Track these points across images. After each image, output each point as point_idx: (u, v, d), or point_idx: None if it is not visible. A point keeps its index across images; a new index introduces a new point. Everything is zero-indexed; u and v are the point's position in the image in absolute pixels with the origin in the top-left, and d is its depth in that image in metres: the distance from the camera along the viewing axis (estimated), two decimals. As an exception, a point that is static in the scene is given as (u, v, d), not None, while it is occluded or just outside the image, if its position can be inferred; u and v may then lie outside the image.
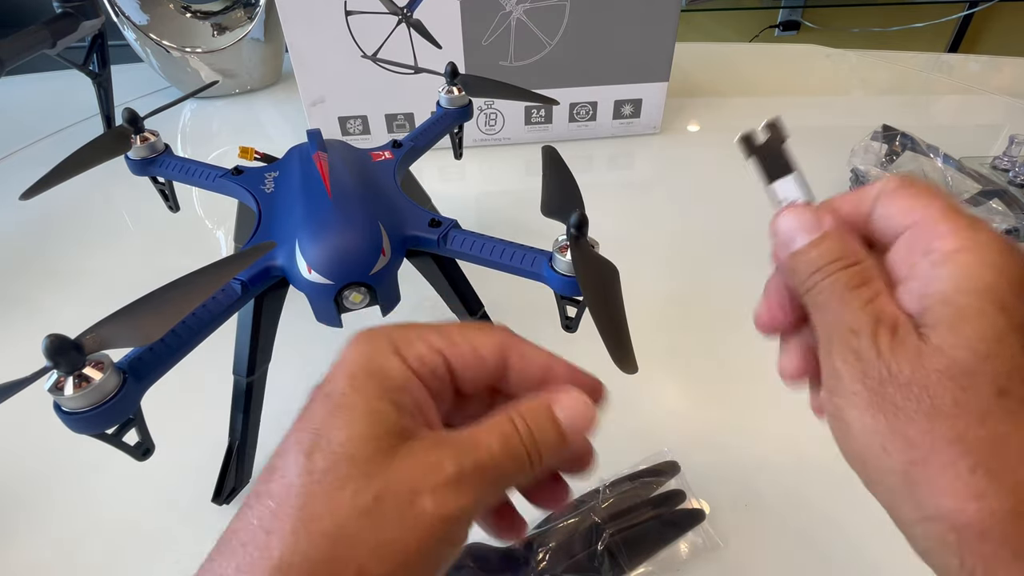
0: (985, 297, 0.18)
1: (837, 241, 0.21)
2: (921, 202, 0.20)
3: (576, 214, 0.28)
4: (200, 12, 0.86)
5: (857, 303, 0.20)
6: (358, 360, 0.20)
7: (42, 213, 0.64)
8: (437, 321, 0.22)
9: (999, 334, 0.17)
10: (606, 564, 0.33)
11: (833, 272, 0.21)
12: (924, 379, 0.18)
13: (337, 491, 0.17)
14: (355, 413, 0.19)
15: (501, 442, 0.19)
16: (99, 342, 0.23)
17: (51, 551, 0.36)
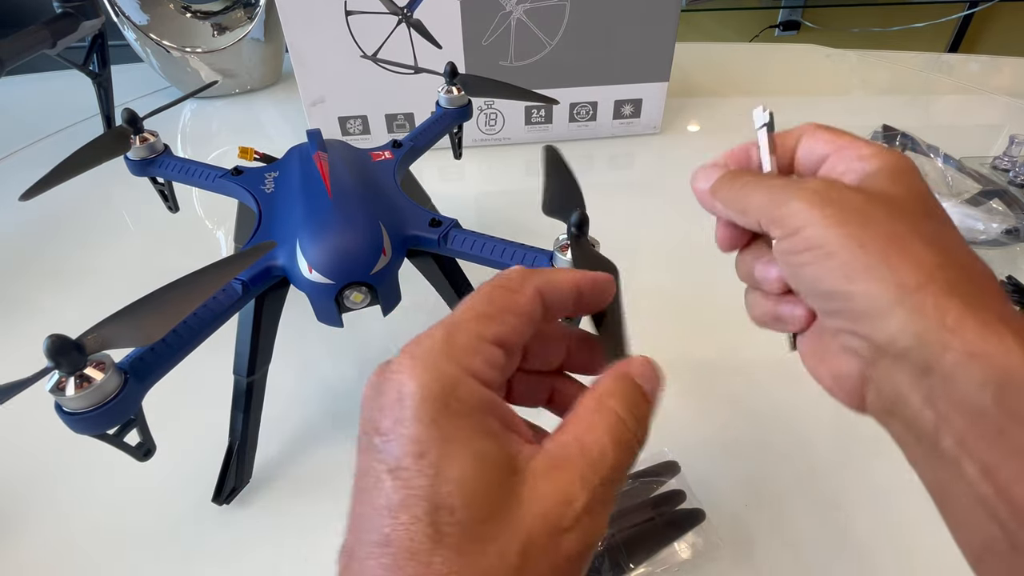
0: (905, 174, 0.22)
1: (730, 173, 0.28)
2: (839, 136, 0.25)
3: (577, 213, 0.28)
4: (200, 12, 0.86)
5: (760, 184, 0.25)
6: (428, 399, 0.17)
7: (42, 213, 0.64)
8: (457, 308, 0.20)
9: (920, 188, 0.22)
10: (606, 564, 0.33)
11: (739, 176, 0.27)
12: (876, 201, 0.21)
13: (480, 559, 0.16)
14: (456, 463, 0.16)
15: (613, 440, 0.18)
16: (100, 342, 0.23)
17: (51, 551, 0.36)
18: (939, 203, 0.23)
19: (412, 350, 0.18)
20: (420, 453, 0.16)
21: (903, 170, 0.23)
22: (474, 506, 0.16)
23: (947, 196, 0.56)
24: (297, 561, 0.35)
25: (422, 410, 0.17)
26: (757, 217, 0.24)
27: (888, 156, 0.23)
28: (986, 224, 0.53)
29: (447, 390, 0.17)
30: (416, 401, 0.17)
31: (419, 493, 0.16)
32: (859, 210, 0.21)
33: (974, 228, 0.53)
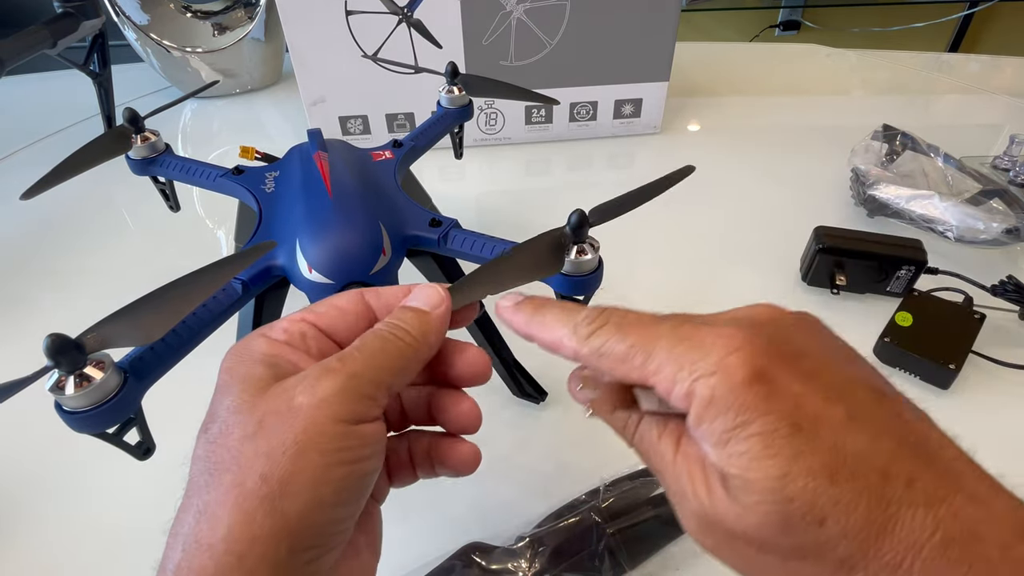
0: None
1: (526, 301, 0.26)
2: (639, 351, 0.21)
3: (576, 214, 0.28)
4: (201, 12, 0.86)
5: (553, 312, 0.25)
6: (229, 359, 0.22)
7: (43, 213, 0.64)
8: None
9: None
10: (606, 563, 0.33)
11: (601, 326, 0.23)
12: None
13: (227, 436, 0.20)
14: (233, 385, 0.21)
15: (362, 339, 0.22)
16: (100, 341, 0.23)
17: (51, 551, 0.36)
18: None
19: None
20: (216, 386, 0.21)
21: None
22: (233, 407, 0.20)
23: (947, 195, 0.56)
24: (297, 560, 0.35)
25: (224, 366, 0.22)
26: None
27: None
28: (986, 224, 0.53)
29: (242, 350, 0.22)
30: (224, 366, 0.22)
31: (209, 415, 0.21)
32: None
33: (974, 227, 0.53)
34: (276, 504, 0.18)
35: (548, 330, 0.24)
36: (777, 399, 0.17)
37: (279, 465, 0.18)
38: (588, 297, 0.31)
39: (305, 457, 0.19)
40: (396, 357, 0.22)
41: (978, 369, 0.44)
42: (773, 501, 0.17)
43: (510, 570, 0.32)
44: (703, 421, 0.18)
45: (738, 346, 0.18)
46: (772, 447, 0.17)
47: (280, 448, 0.19)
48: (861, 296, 0.52)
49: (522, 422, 0.42)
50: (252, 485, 0.18)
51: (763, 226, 0.61)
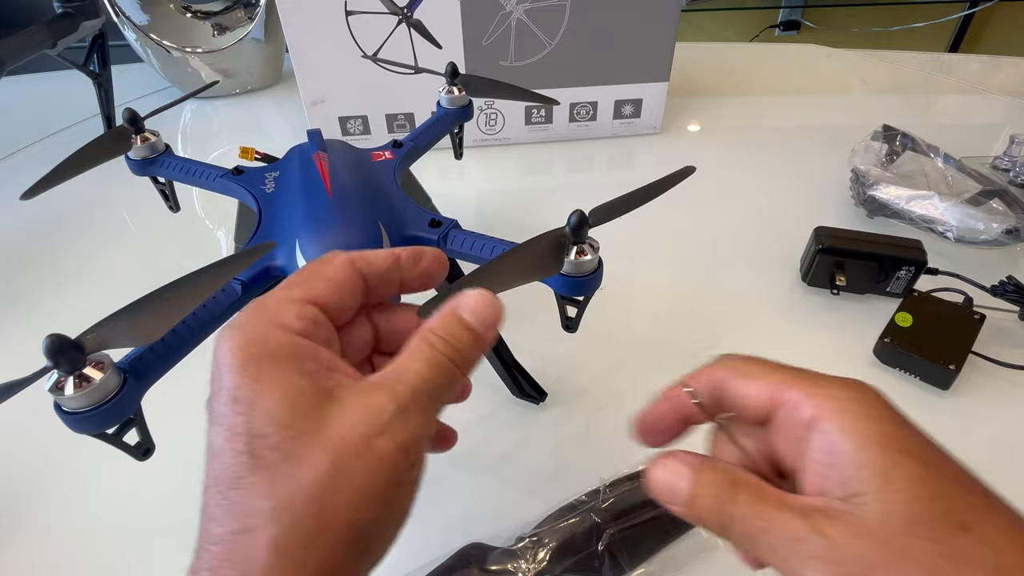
0: (889, 450, 0.18)
1: (711, 469, 0.21)
2: (765, 381, 0.21)
3: (576, 214, 0.28)
4: (200, 12, 0.86)
5: (775, 511, 0.19)
6: (238, 352, 0.19)
7: (43, 213, 0.64)
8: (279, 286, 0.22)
9: (923, 478, 0.18)
10: (606, 564, 0.33)
11: (732, 497, 0.20)
12: (899, 546, 0.17)
13: (295, 471, 0.18)
14: (269, 398, 0.18)
15: (425, 362, 0.20)
16: (99, 342, 0.23)
17: (51, 551, 0.36)
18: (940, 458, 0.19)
19: (229, 323, 0.21)
20: (234, 399, 0.19)
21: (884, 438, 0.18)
22: (286, 430, 0.18)
23: (947, 196, 0.56)
24: (297, 561, 0.35)
25: (233, 363, 0.19)
26: (766, 563, 0.20)
27: (840, 417, 0.19)
28: (986, 224, 0.53)
29: (256, 342, 0.19)
30: (229, 357, 0.19)
31: (236, 430, 0.18)
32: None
33: (974, 228, 0.53)
34: (361, 548, 0.18)
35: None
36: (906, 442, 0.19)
37: (370, 512, 0.18)
38: (588, 298, 0.31)
39: (392, 506, 0.19)
40: (452, 386, 0.21)
41: (978, 370, 0.44)
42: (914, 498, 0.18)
43: (510, 571, 0.32)
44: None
45: (863, 389, 0.20)
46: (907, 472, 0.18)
47: (368, 497, 0.18)
48: (861, 296, 0.52)
49: (522, 422, 0.42)
50: (340, 532, 0.18)
51: (763, 226, 0.61)
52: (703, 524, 0.21)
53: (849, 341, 0.47)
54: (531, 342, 0.44)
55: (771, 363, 0.22)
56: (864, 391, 0.20)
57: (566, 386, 0.44)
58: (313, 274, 0.22)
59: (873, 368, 0.46)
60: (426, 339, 0.21)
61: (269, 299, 0.21)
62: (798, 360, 0.30)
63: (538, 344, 0.46)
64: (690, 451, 0.22)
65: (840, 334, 0.49)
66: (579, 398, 0.44)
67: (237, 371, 0.19)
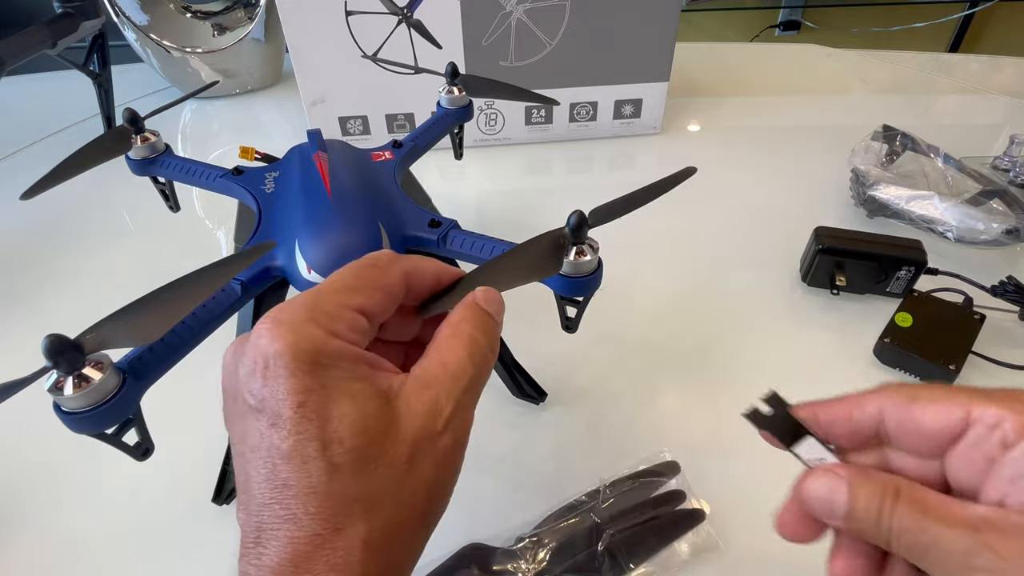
0: None
1: (866, 479, 0.20)
2: (950, 403, 0.20)
3: (575, 215, 0.28)
4: (200, 12, 0.86)
5: (940, 524, 0.18)
6: (297, 354, 0.19)
7: (43, 213, 0.64)
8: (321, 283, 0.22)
9: None
10: (606, 564, 0.33)
11: (892, 508, 0.19)
12: None
13: (374, 473, 0.19)
14: (339, 404, 0.19)
15: (469, 355, 0.22)
16: (99, 342, 0.23)
17: (50, 551, 0.36)
18: None
19: (276, 315, 0.20)
20: (300, 403, 0.18)
21: None
22: (360, 434, 0.19)
23: (947, 196, 0.56)
24: (297, 561, 0.35)
25: (294, 365, 0.19)
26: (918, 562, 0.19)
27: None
28: (986, 224, 0.53)
29: (317, 347, 0.19)
30: (287, 359, 0.19)
31: (307, 436, 0.18)
32: None
33: (974, 228, 0.53)
34: (429, 530, 0.21)
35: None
36: None
37: (438, 501, 0.21)
38: (588, 298, 0.31)
39: (450, 489, 0.22)
40: (489, 373, 0.23)
41: (978, 370, 0.44)
42: None
43: (510, 571, 0.32)
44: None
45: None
46: None
47: (439, 487, 0.21)
48: (861, 296, 0.52)
49: (522, 422, 0.42)
50: (417, 523, 0.20)
51: (763, 226, 0.61)
52: (867, 539, 0.20)
53: (849, 341, 0.47)
54: (531, 342, 0.44)
55: (942, 386, 0.21)
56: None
57: (566, 386, 0.44)
58: (371, 281, 0.22)
59: (873, 368, 0.46)
60: (463, 330, 0.23)
61: (323, 300, 0.21)
62: (798, 360, 0.30)
63: (538, 344, 0.46)
64: (846, 463, 0.21)
65: (840, 334, 0.49)
66: (579, 398, 0.44)
67: (301, 374, 0.19)
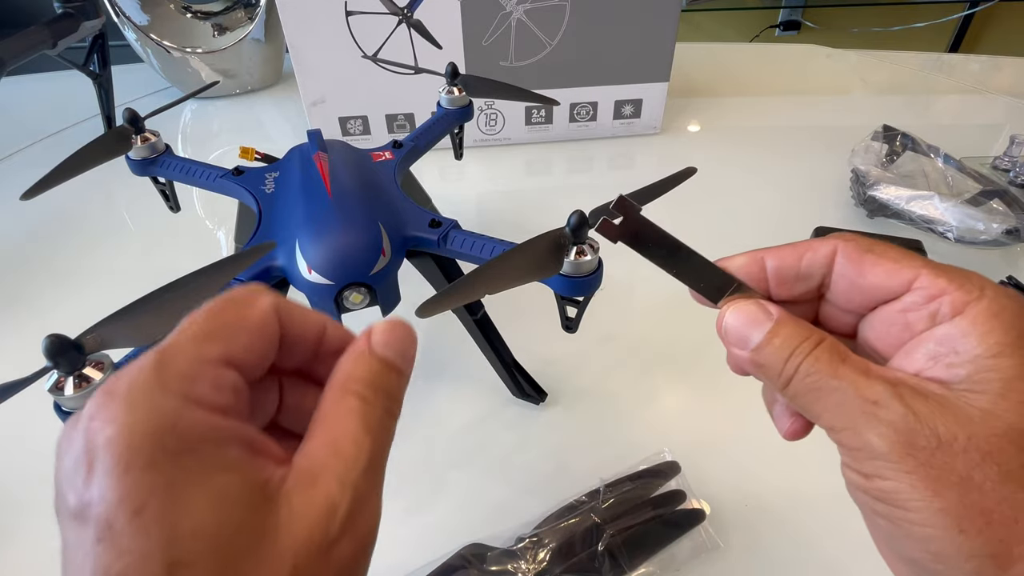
0: (1020, 363, 0.17)
1: (794, 325, 0.20)
2: (900, 264, 0.19)
3: (576, 215, 0.28)
4: (201, 12, 0.86)
5: (856, 374, 0.18)
6: (135, 440, 0.14)
7: (43, 213, 0.64)
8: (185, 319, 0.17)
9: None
10: (606, 564, 0.33)
11: (808, 352, 0.19)
12: (984, 444, 0.16)
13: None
14: (191, 509, 0.14)
15: (362, 423, 0.17)
16: (99, 342, 0.23)
17: (50, 552, 0.36)
18: None
19: (111, 386, 0.15)
20: (137, 509, 0.14)
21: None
22: (220, 553, 0.14)
23: (947, 196, 0.56)
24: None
25: (131, 456, 0.14)
26: (818, 422, 0.19)
27: (990, 311, 0.18)
28: (986, 224, 0.53)
29: (164, 427, 0.14)
30: (121, 448, 0.14)
31: (145, 555, 0.13)
32: (960, 476, 0.16)
33: (974, 228, 0.53)
34: None
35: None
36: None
37: None
38: (588, 298, 0.31)
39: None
40: (391, 440, 0.18)
41: (978, 370, 0.44)
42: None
43: (510, 571, 0.32)
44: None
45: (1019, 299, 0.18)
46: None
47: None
48: (861, 296, 0.52)
49: (522, 423, 0.42)
50: None
51: (763, 226, 0.61)
52: (763, 372, 0.20)
53: (849, 341, 0.47)
54: (531, 342, 0.44)
55: (902, 249, 0.20)
56: (1012, 296, 0.18)
57: (566, 386, 0.44)
58: (232, 321, 0.17)
59: (873, 368, 0.46)
60: (352, 391, 0.17)
61: (175, 357, 0.16)
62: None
63: (538, 344, 0.46)
64: (773, 302, 0.21)
65: (840, 334, 0.48)
66: (579, 398, 0.44)
67: (138, 469, 0.14)
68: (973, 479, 0.16)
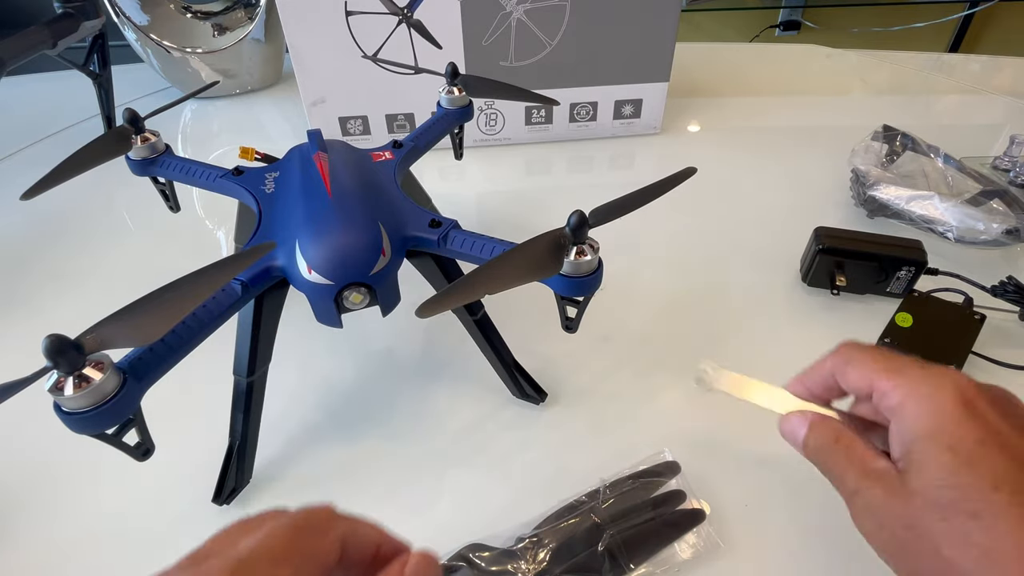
0: (934, 442, 0.23)
1: (822, 425, 0.28)
2: (865, 370, 0.26)
3: (576, 215, 0.28)
4: (201, 12, 0.86)
5: (846, 464, 0.26)
6: None
7: (43, 213, 0.64)
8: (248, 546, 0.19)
9: (952, 470, 0.22)
10: (606, 564, 0.33)
11: (830, 446, 0.27)
12: (911, 520, 0.23)
13: None
14: None
15: None
16: (99, 342, 0.23)
17: (51, 552, 0.36)
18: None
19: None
20: None
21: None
22: None
23: (947, 196, 0.56)
24: (297, 561, 0.35)
25: None
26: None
27: (914, 405, 0.24)
28: (986, 224, 0.53)
29: None
30: None
31: None
32: (903, 547, 0.23)
33: (974, 228, 0.53)
34: None
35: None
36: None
37: None
38: (588, 298, 0.31)
39: None
40: None
41: (978, 370, 0.44)
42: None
43: (510, 571, 0.32)
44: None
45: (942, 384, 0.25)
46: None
47: None
48: (861, 297, 0.52)
49: (522, 423, 0.42)
50: None
51: (763, 226, 0.61)
52: (810, 459, 0.28)
53: (849, 341, 0.47)
54: (531, 342, 0.44)
55: (877, 351, 0.27)
56: (941, 387, 0.24)
57: (566, 386, 0.44)
58: (307, 549, 0.20)
59: (873, 368, 0.46)
60: None
61: (249, 573, 0.18)
62: (798, 360, 0.30)
63: (538, 344, 0.46)
64: (815, 410, 0.29)
65: (840, 334, 0.48)
66: (579, 398, 0.44)
67: None
68: (909, 548, 0.23)
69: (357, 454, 0.40)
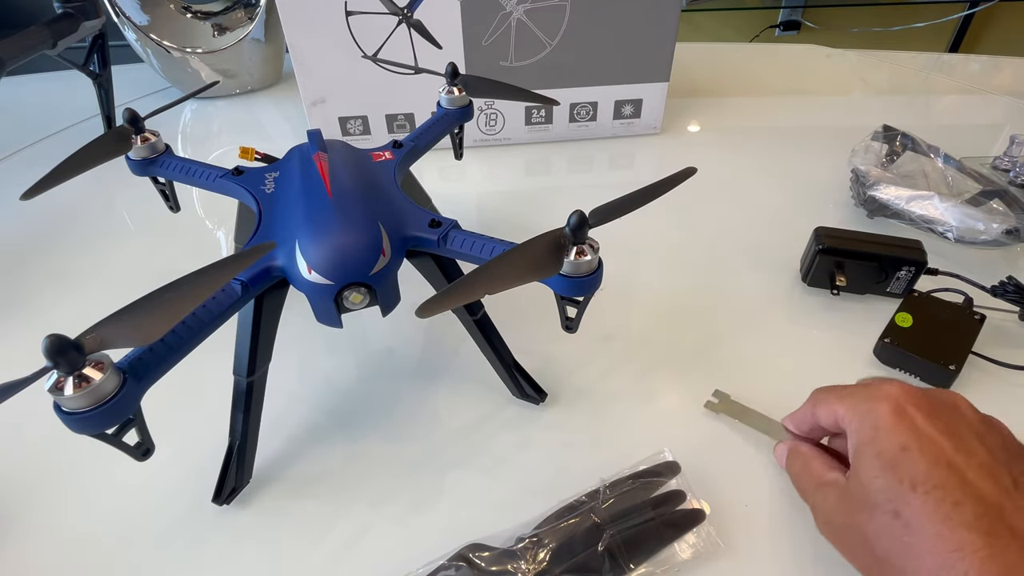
0: (866, 450, 0.28)
1: (793, 451, 0.35)
2: (828, 405, 0.32)
3: (576, 215, 0.28)
4: (201, 12, 0.86)
5: (809, 480, 0.32)
6: None
7: (43, 213, 0.64)
8: None
9: (877, 474, 0.27)
10: (606, 564, 0.33)
11: (800, 466, 0.34)
12: (855, 518, 0.27)
13: None
14: None
15: None
16: (99, 342, 0.23)
17: (50, 552, 0.36)
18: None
19: None
20: None
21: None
22: None
23: (947, 196, 0.56)
24: (297, 561, 0.35)
25: None
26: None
27: (855, 425, 0.30)
28: (986, 224, 0.53)
29: None
30: None
31: None
32: (851, 543, 0.29)
33: (974, 228, 0.53)
34: None
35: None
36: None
37: None
38: (588, 298, 0.31)
39: None
40: None
41: (978, 370, 0.44)
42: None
43: (510, 571, 0.32)
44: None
45: (879, 402, 0.29)
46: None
47: None
48: (861, 297, 0.52)
49: (522, 423, 0.42)
50: None
51: (763, 226, 0.61)
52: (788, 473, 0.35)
53: (849, 341, 0.47)
54: (531, 342, 0.44)
55: (839, 387, 0.32)
56: (877, 400, 0.28)
57: (566, 386, 0.44)
58: None
59: (873, 368, 0.46)
60: None
61: None
62: (798, 360, 0.30)
63: (538, 344, 0.46)
64: (800, 441, 0.35)
65: (840, 334, 0.49)
66: (579, 398, 0.44)
67: None
68: (855, 547, 0.28)
69: (357, 454, 0.40)
